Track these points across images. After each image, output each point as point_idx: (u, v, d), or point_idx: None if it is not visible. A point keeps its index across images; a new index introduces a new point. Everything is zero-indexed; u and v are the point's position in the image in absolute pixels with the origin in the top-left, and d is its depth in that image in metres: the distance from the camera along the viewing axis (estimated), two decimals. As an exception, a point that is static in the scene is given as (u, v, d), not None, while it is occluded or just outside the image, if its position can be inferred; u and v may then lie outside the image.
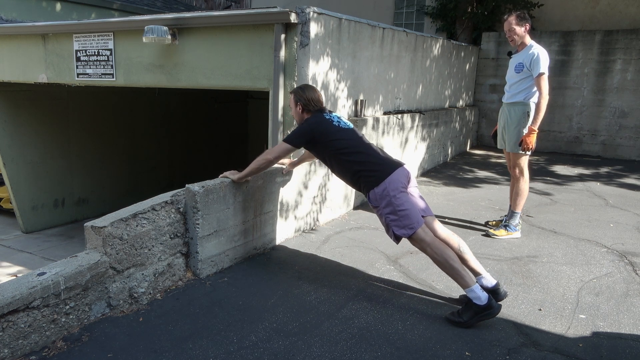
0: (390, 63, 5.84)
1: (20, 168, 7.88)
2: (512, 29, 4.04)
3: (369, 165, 2.99)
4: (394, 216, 2.85)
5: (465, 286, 2.76)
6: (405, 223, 2.82)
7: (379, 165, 2.98)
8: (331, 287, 3.20)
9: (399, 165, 2.99)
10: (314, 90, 3.29)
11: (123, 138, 9.44)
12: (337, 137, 3.08)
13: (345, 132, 3.11)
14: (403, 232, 2.83)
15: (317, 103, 3.24)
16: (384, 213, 2.90)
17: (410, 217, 2.82)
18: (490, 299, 2.73)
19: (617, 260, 3.77)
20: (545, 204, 5.45)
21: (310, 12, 4.21)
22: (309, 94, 3.24)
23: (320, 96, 3.30)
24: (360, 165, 3.00)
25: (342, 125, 3.14)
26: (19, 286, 2.34)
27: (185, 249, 3.21)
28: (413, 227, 2.81)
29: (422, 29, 11.32)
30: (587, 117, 8.80)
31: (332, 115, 3.21)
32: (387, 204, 2.87)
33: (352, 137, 3.11)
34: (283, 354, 2.44)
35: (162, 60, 5.17)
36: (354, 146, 3.06)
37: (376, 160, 3.01)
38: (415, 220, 2.82)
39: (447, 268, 2.81)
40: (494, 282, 2.95)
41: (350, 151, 3.04)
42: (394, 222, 2.85)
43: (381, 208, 2.91)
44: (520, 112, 4.12)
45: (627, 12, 9.06)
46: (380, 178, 2.90)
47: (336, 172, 3.22)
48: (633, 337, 2.68)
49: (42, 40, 6.01)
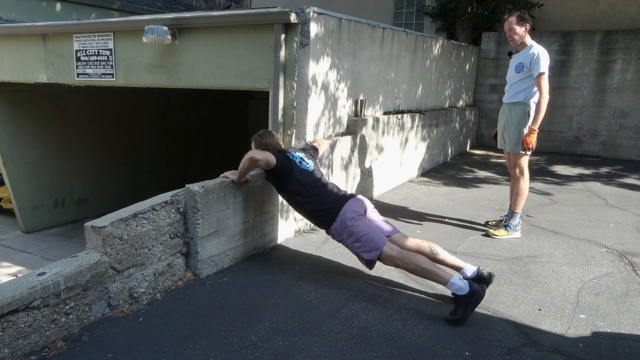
0: (390, 63, 5.84)
1: (20, 168, 7.87)
2: (512, 28, 4.04)
3: (323, 205, 3.22)
4: (359, 243, 3.05)
5: (444, 282, 2.84)
6: (370, 246, 3.00)
7: (332, 203, 3.20)
8: (331, 287, 3.20)
9: (351, 197, 3.19)
10: (271, 134, 3.51)
11: (123, 138, 9.43)
12: (297, 177, 3.26)
13: (304, 174, 3.30)
14: (372, 255, 3.00)
15: (275, 146, 3.44)
16: (349, 243, 3.12)
17: (373, 239, 3.01)
18: (471, 284, 2.78)
19: (617, 260, 3.77)
20: (545, 204, 5.46)
21: (310, 12, 4.21)
22: (267, 139, 3.44)
23: (279, 139, 3.52)
24: (314, 205, 3.25)
25: (302, 167, 3.32)
26: (19, 286, 2.34)
27: (185, 249, 3.21)
28: (378, 247, 2.98)
29: (422, 29, 11.32)
30: (587, 117, 8.80)
31: (295, 155, 3.38)
32: (348, 235, 3.08)
33: (311, 179, 3.30)
34: (283, 354, 2.44)
35: (162, 60, 5.17)
36: (310, 189, 3.27)
37: (329, 198, 3.22)
38: (378, 240, 3.01)
39: (420, 272, 2.94)
40: (474, 269, 3.04)
41: (306, 194, 3.26)
42: (360, 249, 3.04)
43: (345, 240, 3.13)
44: (520, 112, 4.13)
45: (627, 12, 9.06)
46: (335, 213, 3.13)
47: (293, 207, 3.46)
48: (633, 337, 2.68)
49: (42, 40, 6.00)
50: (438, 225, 4.61)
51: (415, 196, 5.70)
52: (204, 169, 9.03)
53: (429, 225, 4.60)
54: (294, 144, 4.44)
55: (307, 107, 4.39)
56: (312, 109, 4.47)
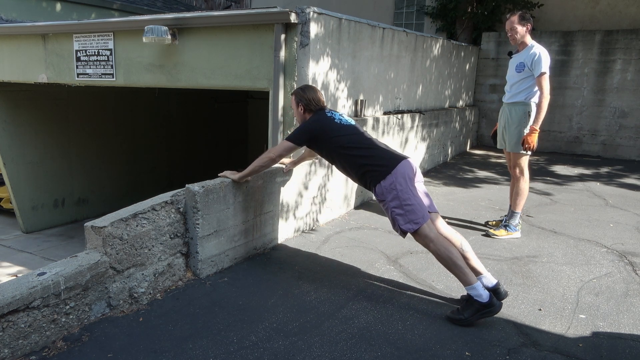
0: (390, 63, 5.84)
1: (20, 168, 7.87)
2: (514, 28, 4.04)
3: (374, 160, 2.98)
4: (400, 210, 2.84)
5: (468, 284, 2.76)
6: (411, 218, 2.82)
7: (384, 159, 2.97)
8: (331, 287, 3.20)
9: (403, 158, 2.98)
10: (314, 90, 3.31)
11: (123, 138, 9.43)
12: (339, 133, 3.09)
13: (347, 128, 3.12)
14: (408, 227, 2.83)
15: (318, 102, 3.26)
16: (390, 207, 2.89)
17: (416, 212, 2.82)
18: (491, 297, 2.74)
19: (617, 260, 3.77)
20: (545, 204, 5.45)
21: (310, 12, 4.21)
22: (310, 94, 3.26)
23: (322, 95, 3.32)
24: (365, 159, 3.00)
25: (343, 122, 3.15)
26: (19, 286, 2.34)
27: (185, 249, 3.21)
28: (418, 222, 2.81)
29: (422, 29, 11.32)
30: (587, 117, 8.80)
31: (334, 113, 3.22)
32: (393, 198, 2.86)
33: (355, 132, 3.12)
34: (283, 354, 2.44)
35: (162, 60, 5.17)
36: (357, 141, 3.06)
37: (381, 154, 3.01)
38: (420, 215, 2.82)
39: (450, 265, 2.81)
40: (494, 282, 2.96)
41: (353, 146, 3.04)
42: (400, 216, 2.85)
43: (387, 202, 2.90)
44: (520, 112, 4.13)
45: (627, 12, 9.06)
46: (387, 171, 2.90)
47: (340, 168, 3.21)
48: (633, 337, 2.68)
49: (42, 40, 6.00)
50: (438, 225, 4.60)
51: (415, 196, 5.69)
52: (204, 168, 9.05)
53: (429, 225, 4.60)
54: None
55: (307, 107, 4.38)
56: (312, 109, 4.46)
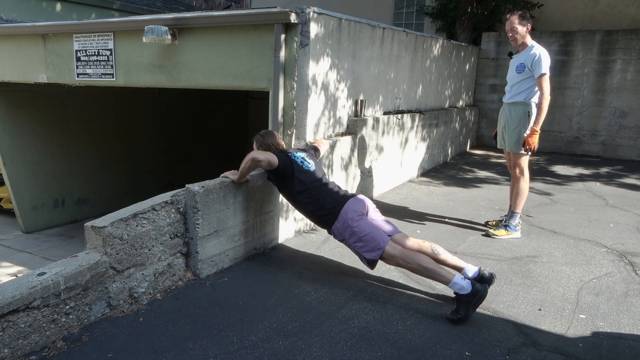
0: (390, 63, 5.84)
1: (20, 168, 7.87)
2: (514, 28, 4.04)
3: (324, 205, 3.22)
4: (361, 242, 3.04)
5: (447, 282, 2.84)
6: (372, 246, 3.00)
7: (334, 202, 3.20)
8: (331, 287, 3.20)
9: (352, 197, 3.20)
10: (272, 134, 3.53)
11: (123, 138, 9.43)
12: (299, 177, 3.26)
13: (306, 174, 3.30)
14: (374, 255, 3.00)
15: (277, 146, 3.45)
16: (350, 243, 3.11)
17: (375, 239, 3.00)
18: (473, 284, 2.78)
19: (617, 260, 3.77)
20: (545, 204, 5.45)
21: (310, 12, 4.21)
22: (269, 139, 3.46)
23: (281, 140, 3.54)
24: (315, 205, 3.25)
25: (304, 167, 3.32)
26: (19, 286, 2.34)
27: (185, 249, 3.21)
28: (380, 247, 2.97)
29: (422, 29, 11.32)
30: (587, 117, 8.80)
31: (297, 156, 3.39)
32: (350, 234, 3.08)
33: (312, 179, 3.30)
34: (283, 353, 2.44)
35: (162, 60, 5.17)
36: (312, 189, 3.26)
37: (331, 198, 3.22)
38: (380, 240, 3.00)
39: (422, 272, 2.94)
40: (476, 270, 3.05)
41: (308, 194, 3.27)
42: (362, 248, 3.04)
43: (347, 239, 3.12)
44: (521, 112, 4.13)
45: (627, 12, 9.06)
46: (337, 213, 3.14)
47: (295, 207, 3.46)
48: (633, 337, 2.68)
49: (42, 40, 6.00)
50: (438, 225, 4.61)
51: (415, 196, 5.70)
52: (204, 169, 9.03)
53: (429, 225, 4.60)
54: (294, 144, 4.44)
55: (307, 107, 4.39)
56: (312, 109, 4.47)
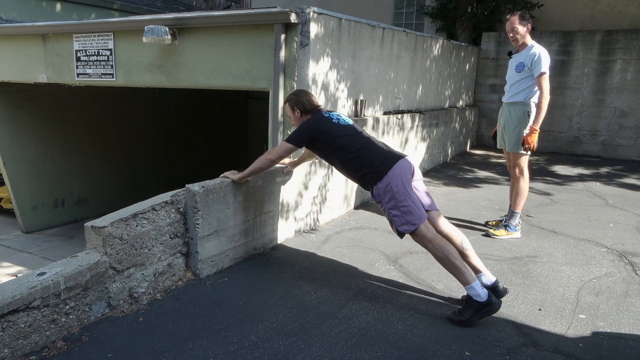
0: (390, 63, 5.84)
1: (20, 168, 7.87)
2: (514, 28, 4.04)
3: (370, 161, 2.98)
4: (397, 211, 2.85)
5: (466, 283, 2.76)
6: (407, 219, 2.82)
7: (380, 160, 2.97)
8: (331, 287, 3.20)
9: (400, 158, 2.98)
10: (306, 92, 3.34)
11: (123, 138, 9.43)
12: (337, 134, 3.09)
13: (345, 129, 3.12)
14: (405, 228, 2.83)
15: (312, 103, 3.27)
16: (386, 208, 2.91)
17: (412, 212, 2.82)
18: (490, 296, 2.74)
19: (617, 260, 3.77)
20: (545, 204, 5.45)
21: (310, 12, 4.21)
22: (303, 97, 3.28)
23: (314, 97, 3.34)
24: (361, 160, 3.01)
25: (341, 123, 3.16)
26: (19, 286, 2.34)
27: (185, 249, 3.21)
28: (415, 223, 2.81)
29: (422, 29, 11.32)
30: (587, 117, 8.80)
31: (332, 114, 3.23)
32: (389, 199, 2.87)
33: (353, 133, 3.12)
34: (283, 354, 2.44)
35: (162, 60, 5.17)
36: (354, 142, 3.07)
37: (377, 155, 3.01)
38: (417, 217, 2.82)
39: (447, 265, 2.81)
40: (493, 280, 2.97)
41: (351, 148, 3.04)
42: (396, 218, 2.86)
43: (384, 203, 2.92)
44: (520, 112, 4.13)
45: (627, 12, 9.06)
46: (383, 173, 2.90)
47: (339, 168, 3.22)
48: (633, 337, 2.68)
49: (42, 40, 6.00)
50: (438, 225, 4.60)
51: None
52: (204, 168, 9.04)
53: (429, 225, 4.60)
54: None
55: (307, 107, 4.38)
56: (312, 109, 4.46)
